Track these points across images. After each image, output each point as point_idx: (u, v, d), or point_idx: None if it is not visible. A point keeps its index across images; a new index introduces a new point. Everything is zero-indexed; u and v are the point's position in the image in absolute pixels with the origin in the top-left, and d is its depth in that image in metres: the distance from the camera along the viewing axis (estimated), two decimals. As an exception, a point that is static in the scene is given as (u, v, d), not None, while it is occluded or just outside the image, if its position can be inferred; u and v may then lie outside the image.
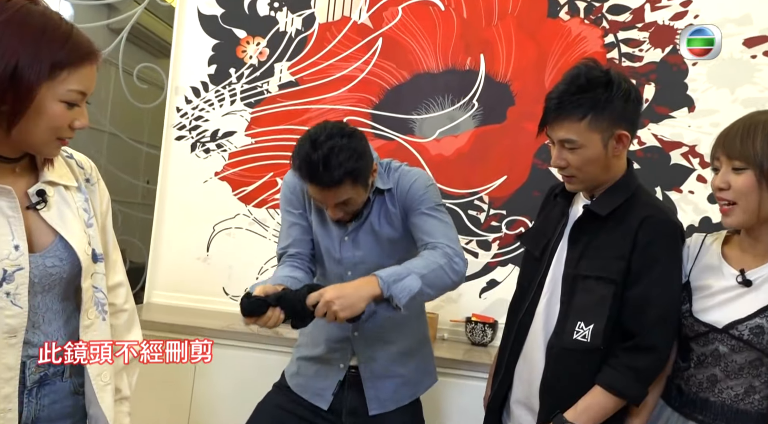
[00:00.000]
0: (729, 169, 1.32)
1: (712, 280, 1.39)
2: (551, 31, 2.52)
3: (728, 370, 1.35)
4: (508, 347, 1.60)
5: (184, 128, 2.71)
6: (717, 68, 2.42)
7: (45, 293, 1.15)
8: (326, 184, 1.55)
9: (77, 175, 1.24)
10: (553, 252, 1.54)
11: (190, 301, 2.66)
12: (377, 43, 2.61)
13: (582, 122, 1.40)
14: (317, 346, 1.79)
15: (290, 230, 1.75)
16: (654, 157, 2.47)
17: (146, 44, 3.78)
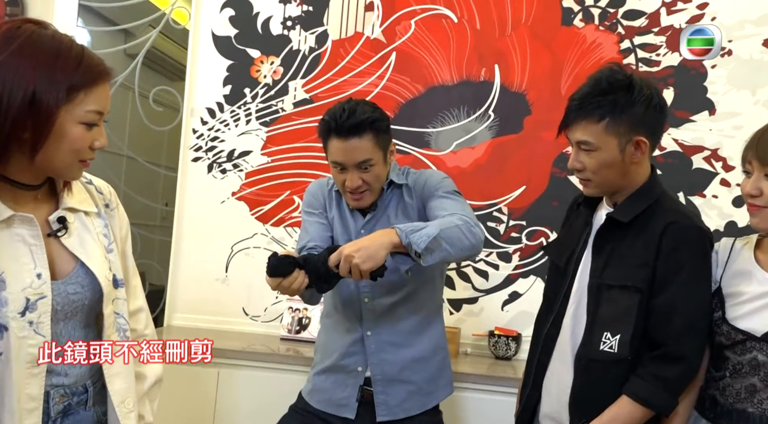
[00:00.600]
0: (762, 176, 1.31)
1: (745, 286, 1.37)
2: (566, 39, 2.52)
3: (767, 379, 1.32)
4: (535, 360, 1.59)
5: (201, 149, 2.75)
6: (737, 70, 2.40)
7: (67, 320, 1.17)
8: (350, 131, 1.63)
9: (97, 201, 1.26)
10: (578, 262, 1.54)
11: (210, 322, 2.68)
12: (391, 58, 2.63)
13: (600, 124, 1.41)
14: (331, 355, 1.79)
15: (309, 227, 1.80)
16: (675, 162, 2.45)
17: (162, 67, 3.84)
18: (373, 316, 1.75)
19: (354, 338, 1.76)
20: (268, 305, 2.68)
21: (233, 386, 2.32)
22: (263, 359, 2.36)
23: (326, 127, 1.68)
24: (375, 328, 1.75)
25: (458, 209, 1.64)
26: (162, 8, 2.92)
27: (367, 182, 1.69)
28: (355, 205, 1.75)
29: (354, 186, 1.68)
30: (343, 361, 1.77)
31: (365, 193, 1.71)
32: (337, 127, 1.64)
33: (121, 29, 3.13)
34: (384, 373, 1.74)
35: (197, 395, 2.32)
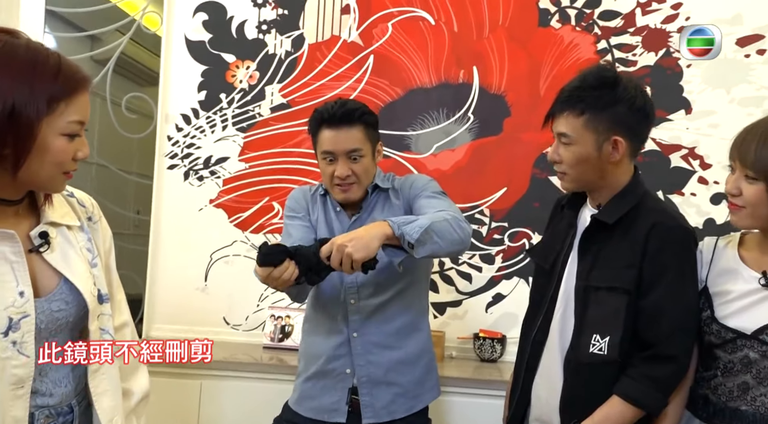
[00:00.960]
0: (742, 176, 1.33)
1: (732, 284, 1.39)
2: (543, 40, 2.54)
3: (760, 376, 1.33)
4: (524, 364, 1.59)
5: (176, 157, 2.71)
6: (712, 69, 2.45)
7: (51, 338, 1.14)
8: (341, 120, 1.70)
9: (79, 214, 1.23)
10: (564, 265, 1.54)
11: (191, 333, 2.63)
12: (368, 61, 2.63)
13: (580, 119, 1.43)
14: (316, 360, 1.78)
15: (292, 230, 1.80)
16: (654, 161, 2.48)
17: (132, 74, 3.77)
18: (360, 317, 1.75)
19: (340, 341, 1.75)
20: (250, 314, 2.66)
21: (217, 398, 2.30)
22: (246, 369, 2.34)
23: (318, 118, 1.74)
24: (361, 329, 1.74)
25: (446, 207, 1.67)
26: (131, 14, 2.87)
27: (356, 174, 1.72)
28: (342, 198, 1.76)
29: (344, 175, 1.71)
30: (330, 365, 1.76)
31: (353, 186, 1.74)
32: (330, 116, 1.70)
33: (88, 35, 3.08)
34: (370, 375, 1.73)
35: (180, 407, 2.29)
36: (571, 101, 1.44)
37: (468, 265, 2.58)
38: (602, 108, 1.42)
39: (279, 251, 1.52)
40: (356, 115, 1.72)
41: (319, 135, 1.74)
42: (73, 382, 1.18)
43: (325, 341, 1.78)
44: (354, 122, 1.71)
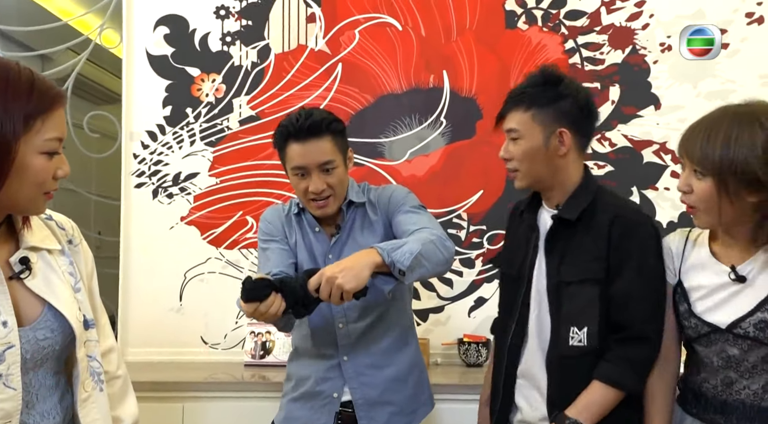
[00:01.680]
0: (691, 172, 1.35)
1: (705, 278, 1.41)
2: (511, 42, 2.57)
3: (741, 370, 1.35)
4: (503, 370, 1.62)
5: (144, 175, 2.66)
6: (678, 65, 2.51)
7: (37, 368, 1.10)
8: (309, 133, 1.64)
9: (59, 238, 1.19)
10: (532, 267, 1.59)
11: (167, 354, 2.59)
12: (337, 69, 2.62)
13: (527, 113, 1.52)
14: (305, 382, 1.76)
15: (270, 255, 1.74)
16: (626, 157, 2.53)
17: (89, 94, 3.71)
18: (349, 341, 1.73)
19: (330, 364, 1.74)
20: (228, 332, 2.61)
21: (200, 420, 2.25)
22: (228, 389, 2.30)
23: (284, 133, 1.68)
24: (351, 352, 1.73)
25: (427, 223, 1.66)
26: (86, 33, 2.81)
27: (332, 186, 1.68)
28: (320, 214, 1.72)
29: (319, 190, 1.66)
30: (318, 387, 1.74)
31: (329, 199, 1.70)
32: (296, 130, 1.65)
33: (38, 55, 3.00)
34: (365, 396, 1.72)
35: None
36: (518, 99, 1.54)
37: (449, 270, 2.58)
38: (547, 103, 1.51)
39: (264, 285, 1.47)
40: (324, 125, 1.67)
41: (286, 150, 1.69)
42: (61, 413, 1.14)
43: (315, 363, 1.76)
44: (322, 133, 1.66)
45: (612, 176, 2.53)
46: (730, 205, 1.30)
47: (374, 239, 1.71)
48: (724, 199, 1.30)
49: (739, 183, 1.28)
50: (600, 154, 2.54)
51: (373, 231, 1.75)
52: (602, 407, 1.45)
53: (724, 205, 1.30)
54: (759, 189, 1.28)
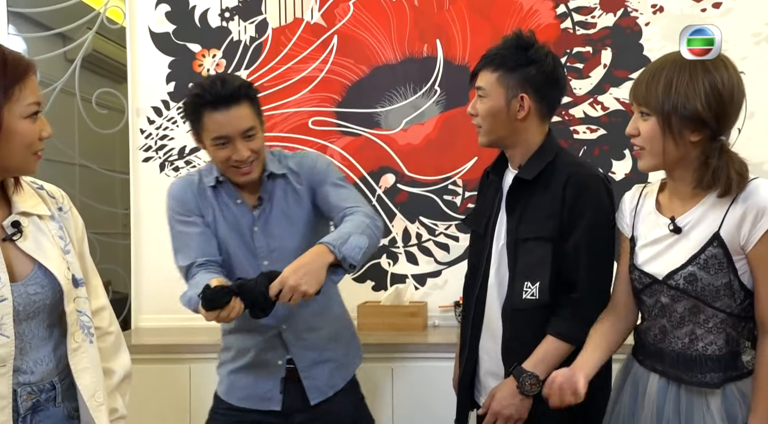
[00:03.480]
0: (638, 115, 1.38)
1: (649, 230, 1.45)
2: (503, 9, 2.61)
3: (672, 320, 1.41)
4: (469, 324, 1.72)
5: (151, 149, 2.78)
6: (670, 26, 2.52)
7: (30, 320, 1.22)
8: (229, 100, 1.61)
9: (49, 205, 1.31)
10: (495, 225, 1.68)
11: (179, 320, 2.69)
12: (333, 41, 2.69)
13: (494, 74, 1.60)
14: (246, 353, 1.80)
15: (189, 240, 1.72)
16: (619, 120, 2.56)
17: (103, 70, 3.83)
18: (285, 310, 1.74)
19: (271, 335, 1.78)
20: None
21: (207, 381, 2.37)
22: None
23: (199, 101, 1.64)
24: (289, 321, 1.77)
25: (358, 201, 1.74)
26: (96, 8, 2.92)
27: (255, 151, 1.67)
28: (245, 180, 1.70)
29: (244, 157, 1.65)
30: (262, 356, 1.78)
31: (253, 164, 1.69)
32: (214, 98, 1.61)
33: (58, 33, 3.12)
34: (307, 358, 1.79)
35: (171, 391, 2.38)
36: (489, 59, 1.62)
37: (445, 235, 2.67)
38: (514, 67, 1.58)
39: (224, 293, 1.49)
40: (242, 91, 1.64)
41: (203, 120, 1.64)
42: (54, 360, 1.27)
43: (255, 335, 1.78)
44: (241, 99, 1.63)
45: (605, 140, 2.57)
46: (674, 145, 1.33)
47: (300, 209, 1.76)
48: (668, 139, 1.33)
49: (682, 121, 1.31)
50: (593, 118, 2.59)
51: (299, 200, 1.77)
52: (555, 360, 1.54)
53: (668, 144, 1.34)
54: (701, 128, 1.32)
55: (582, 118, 2.58)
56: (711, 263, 1.34)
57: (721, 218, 1.34)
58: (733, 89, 1.33)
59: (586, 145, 2.58)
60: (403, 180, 2.69)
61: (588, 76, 2.57)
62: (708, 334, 1.38)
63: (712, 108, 1.31)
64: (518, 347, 1.59)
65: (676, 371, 1.40)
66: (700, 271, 1.34)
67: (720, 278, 1.34)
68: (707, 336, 1.38)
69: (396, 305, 2.54)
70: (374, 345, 2.34)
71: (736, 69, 1.38)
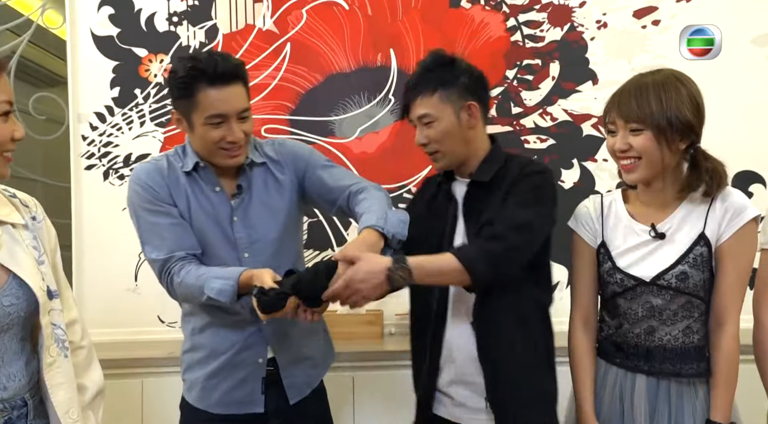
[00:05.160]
0: (627, 132, 1.49)
1: (626, 237, 1.57)
2: (455, 21, 2.68)
3: (663, 318, 1.52)
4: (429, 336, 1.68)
5: (93, 156, 2.69)
6: (613, 41, 2.65)
7: (3, 333, 1.17)
8: (230, 77, 1.54)
9: (23, 214, 1.27)
10: (452, 235, 1.67)
11: (125, 334, 2.64)
12: (286, 49, 2.69)
13: (434, 96, 1.62)
14: (222, 354, 1.71)
15: (163, 232, 1.62)
16: (567, 131, 2.67)
17: (31, 77, 3.67)
18: None
19: (251, 331, 1.70)
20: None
21: (159, 395, 2.32)
22: (187, 365, 2.37)
23: (198, 76, 1.54)
24: None
25: (354, 177, 1.76)
26: (26, 13, 2.80)
27: (248, 134, 1.63)
28: (233, 163, 1.65)
29: (239, 138, 1.59)
30: (241, 356, 1.71)
31: (243, 148, 1.64)
32: (215, 74, 1.53)
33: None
34: (288, 355, 1.74)
35: (123, 406, 2.31)
36: (422, 85, 1.64)
37: (400, 243, 2.69)
38: (450, 82, 1.63)
39: (279, 298, 1.44)
40: (239, 70, 1.59)
41: (198, 96, 1.54)
42: (26, 376, 1.22)
43: (234, 333, 1.70)
44: (239, 78, 1.59)
45: (554, 149, 2.67)
46: (669, 153, 1.47)
47: (282, 199, 1.72)
48: (664, 148, 1.46)
49: (675, 131, 1.45)
50: (542, 129, 2.68)
51: (280, 190, 1.73)
52: (438, 272, 1.50)
53: (665, 153, 1.47)
54: (688, 135, 1.47)
55: (532, 129, 2.67)
56: (699, 261, 1.48)
57: (703, 220, 1.48)
58: (702, 98, 1.50)
59: (536, 154, 2.66)
60: (357, 189, 2.70)
61: (537, 87, 2.67)
62: (698, 324, 1.51)
63: (696, 115, 1.46)
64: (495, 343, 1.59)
65: (669, 366, 1.50)
66: (690, 269, 1.46)
67: (705, 274, 1.48)
68: (698, 327, 1.50)
69: (353, 313, 2.54)
70: (335, 354, 2.35)
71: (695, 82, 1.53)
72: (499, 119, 2.67)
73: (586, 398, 1.59)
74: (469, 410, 1.64)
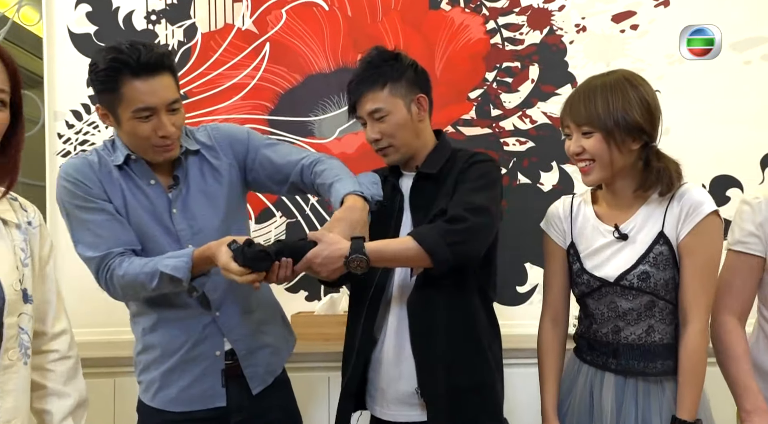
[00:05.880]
0: (579, 135, 1.52)
1: (592, 238, 1.59)
2: (435, 23, 2.69)
3: (628, 318, 1.54)
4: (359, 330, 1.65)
5: (70, 154, 2.67)
6: (592, 45, 2.68)
7: None
8: (155, 68, 1.48)
9: (19, 216, 1.28)
10: (398, 227, 1.67)
11: (100, 334, 2.61)
12: (265, 48, 2.69)
13: (384, 91, 1.64)
14: (177, 350, 1.67)
15: (99, 228, 1.56)
16: (546, 134, 2.69)
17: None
18: (217, 293, 1.67)
19: (204, 323, 1.67)
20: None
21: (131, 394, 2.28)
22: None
23: (121, 66, 1.47)
24: (222, 305, 1.68)
25: (303, 152, 1.76)
26: (1, 10, 2.78)
27: (178, 127, 1.57)
28: (166, 157, 1.60)
29: (170, 132, 1.54)
30: (197, 350, 1.67)
31: (175, 142, 1.59)
32: (139, 65, 1.46)
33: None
34: (246, 345, 1.71)
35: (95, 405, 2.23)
36: (369, 81, 1.64)
37: (378, 245, 2.69)
38: (398, 76, 1.65)
39: (263, 257, 1.43)
40: (166, 60, 1.52)
41: (121, 89, 1.48)
42: None
43: (185, 328, 1.66)
44: (164, 68, 1.51)
45: (533, 152, 2.69)
46: (620, 154, 1.49)
47: (220, 186, 1.69)
48: (614, 149, 1.48)
49: (623, 132, 1.47)
50: (522, 131, 2.70)
51: (217, 176, 1.70)
52: (394, 254, 1.50)
53: (615, 154, 1.48)
54: (640, 136, 1.48)
55: (511, 131, 2.69)
56: (660, 260, 1.49)
57: (662, 219, 1.50)
58: (656, 99, 1.52)
59: (515, 156, 2.68)
60: (336, 189, 2.70)
61: (517, 90, 2.69)
62: (662, 324, 1.51)
63: (645, 116, 1.47)
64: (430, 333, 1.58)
65: (635, 364, 1.51)
66: (651, 268, 1.47)
67: (668, 272, 1.49)
68: (661, 326, 1.51)
69: (330, 314, 2.54)
70: (310, 354, 2.35)
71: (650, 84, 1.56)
72: (478, 121, 2.68)
73: (548, 396, 1.62)
74: (404, 405, 1.63)
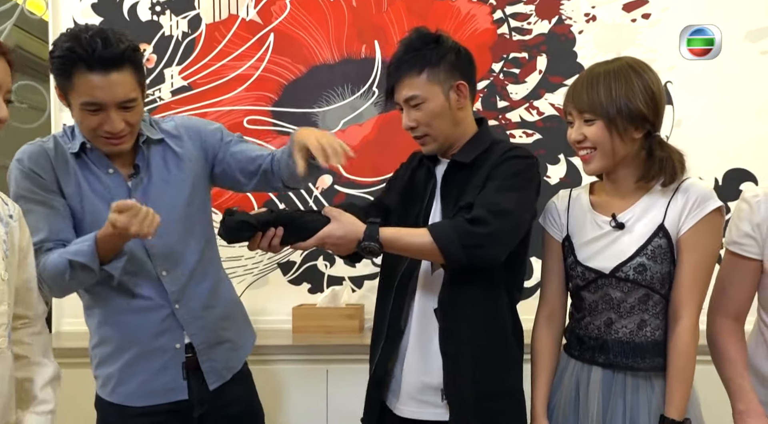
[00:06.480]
0: (582, 122, 1.49)
1: (587, 229, 1.55)
2: (441, 12, 2.66)
3: (621, 311, 1.50)
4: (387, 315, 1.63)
5: (75, 146, 2.68)
6: (602, 34, 2.63)
7: None
8: (110, 64, 1.42)
9: (1, 210, 1.29)
10: (428, 213, 1.64)
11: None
12: (269, 39, 2.68)
13: (421, 77, 1.56)
14: (135, 343, 1.63)
15: (38, 222, 1.50)
16: (554, 125, 2.65)
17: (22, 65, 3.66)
18: (177, 286, 1.63)
19: (162, 316, 1.63)
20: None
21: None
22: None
23: (74, 58, 1.42)
24: (182, 299, 1.64)
25: (266, 150, 1.76)
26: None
27: (131, 124, 1.51)
28: (114, 150, 1.55)
29: (117, 130, 1.48)
30: (157, 342, 1.63)
31: (126, 137, 1.53)
32: (92, 58, 1.41)
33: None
34: (205, 339, 1.68)
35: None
36: (406, 67, 1.57)
37: (382, 238, 2.68)
38: (437, 61, 1.57)
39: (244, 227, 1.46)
40: (126, 56, 1.45)
41: (74, 79, 1.43)
42: None
43: (142, 320, 1.62)
44: (123, 65, 1.44)
45: (540, 144, 2.65)
46: (621, 143, 1.46)
47: (183, 173, 1.66)
48: (616, 137, 1.45)
49: (626, 120, 1.44)
50: (529, 123, 2.66)
51: (180, 164, 1.66)
52: (407, 245, 1.50)
53: (616, 143, 1.46)
54: (642, 124, 1.45)
55: (518, 123, 2.65)
56: (657, 253, 1.46)
57: (664, 211, 1.47)
58: (660, 88, 1.48)
59: (521, 149, 2.64)
60: (340, 181, 2.70)
61: (524, 81, 2.65)
62: (655, 319, 1.48)
63: (649, 105, 1.44)
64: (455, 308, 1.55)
65: (623, 359, 1.49)
66: (648, 261, 1.45)
67: (665, 266, 1.46)
68: (654, 322, 1.49)
69: (332, 307, 2.53)
70: (307, 347, 2.35)
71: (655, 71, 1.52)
72: (484, 113, 2.65)
73: (539, 395, 1.58)
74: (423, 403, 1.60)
